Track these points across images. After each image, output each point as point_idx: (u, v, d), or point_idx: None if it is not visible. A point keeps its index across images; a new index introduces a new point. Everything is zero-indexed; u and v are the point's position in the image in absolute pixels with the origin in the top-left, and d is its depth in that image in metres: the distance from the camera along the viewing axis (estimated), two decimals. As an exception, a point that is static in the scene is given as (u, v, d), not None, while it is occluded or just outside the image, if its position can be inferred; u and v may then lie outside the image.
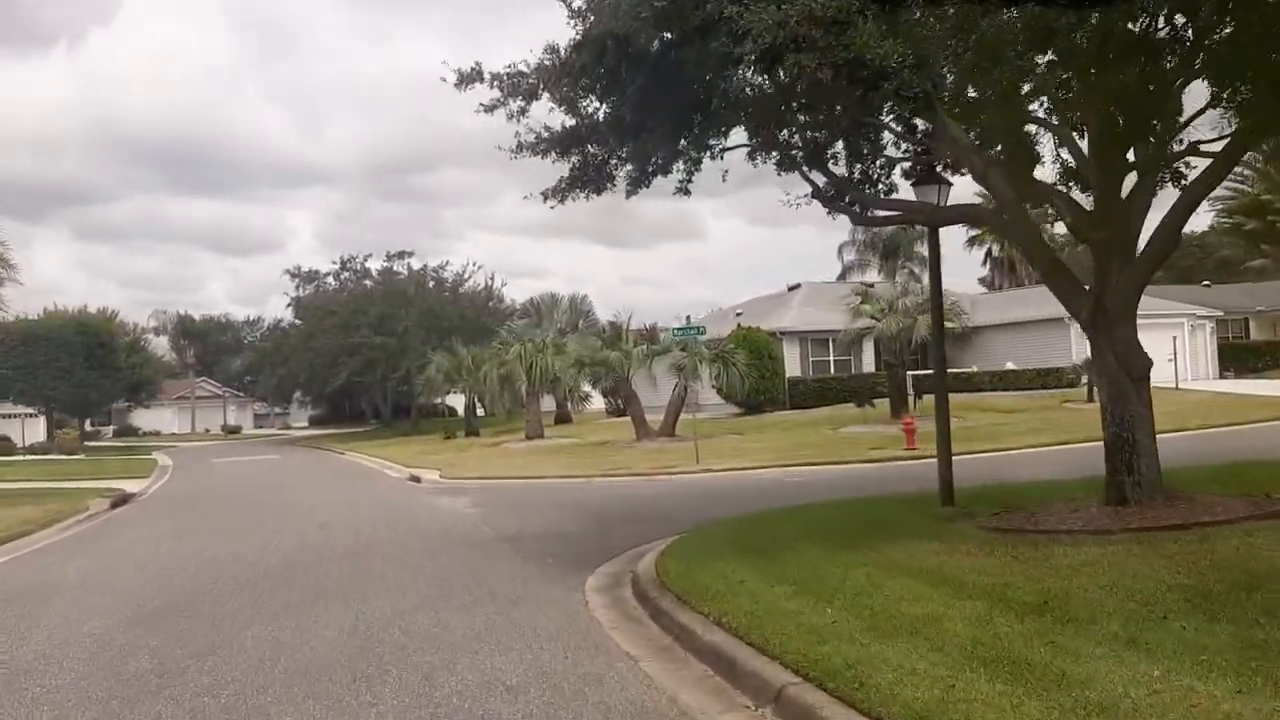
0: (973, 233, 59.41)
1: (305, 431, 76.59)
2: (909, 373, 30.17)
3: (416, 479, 26.76)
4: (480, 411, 48.34)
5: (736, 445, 26.33)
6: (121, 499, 24.72)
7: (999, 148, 10.75)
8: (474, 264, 55.82)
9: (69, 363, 53.21)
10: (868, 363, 38.70)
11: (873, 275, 58.44)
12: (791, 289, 45.79)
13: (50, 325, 54.28)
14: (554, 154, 10.77)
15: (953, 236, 60.86)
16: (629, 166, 10.92)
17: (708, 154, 10.76)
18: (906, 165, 12.07)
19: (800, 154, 11.47)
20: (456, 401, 54.00)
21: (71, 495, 23.58)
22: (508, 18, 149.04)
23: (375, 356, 52.12)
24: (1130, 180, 9.88)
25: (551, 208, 11.77)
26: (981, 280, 66.14)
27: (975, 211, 14.72)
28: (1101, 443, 9.93)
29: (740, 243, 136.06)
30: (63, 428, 70.80)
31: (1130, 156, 9.95)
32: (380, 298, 54.09)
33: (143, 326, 64.84)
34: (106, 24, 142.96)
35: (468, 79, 10.32)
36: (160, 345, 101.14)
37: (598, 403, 50.58)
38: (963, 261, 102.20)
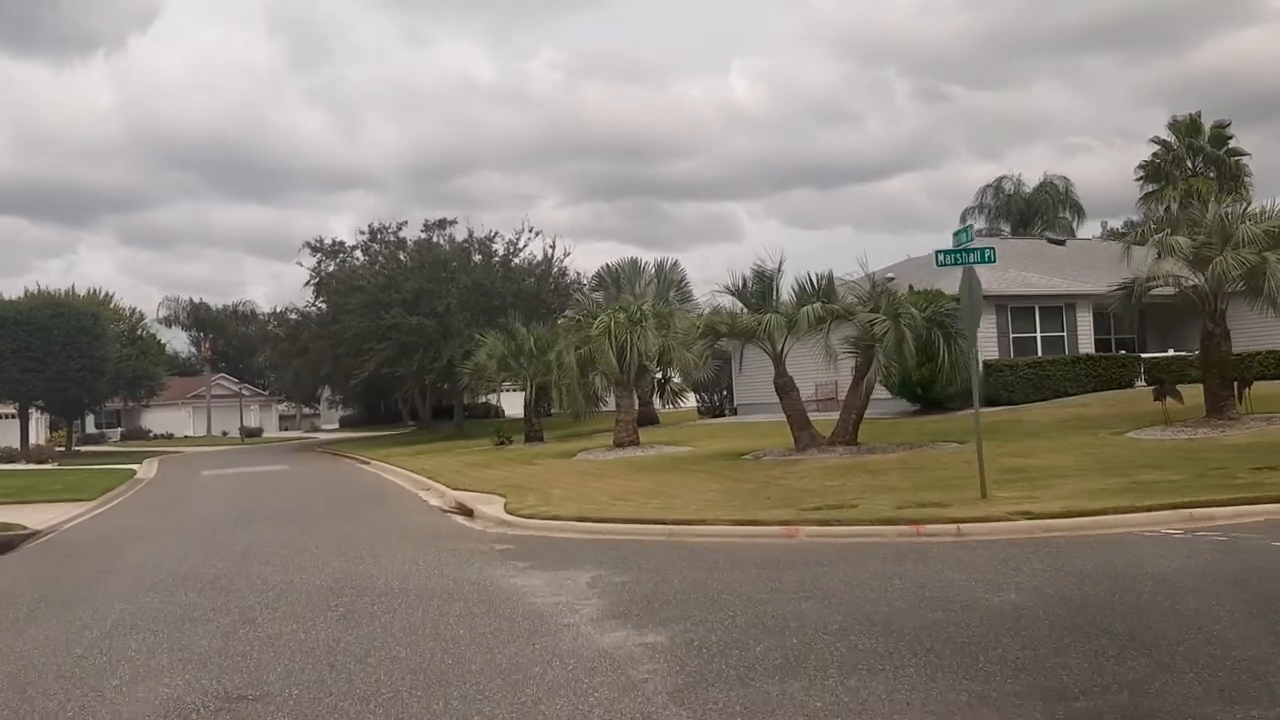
0: (1150, 187, 48.56)
1: (333, 434, 67.03)
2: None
3: (466, 510, 16.85)
4: (548, 409, 38.25)
5: (1006, 464, 15.93)
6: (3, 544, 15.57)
7: None
8: (530, 229, 45.66)
9: (42, 352, 43.84)
10: (1084, 340, 28.20)
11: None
12: (957, 248, 35.47)
13: (18, 307, 44.96)
14: None
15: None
16: None
17: None
18: None
19: None
20: (511, 402, 44.06)
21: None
22: (545, 20, 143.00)
23: (410, 342, 42.15)
24: None
25: None
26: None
27: None
28: None
29: (778, 243, 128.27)
30: (58, 430, 62.09)
31: None
32: (416, 271, 44.16)
33: (140, 313, 55.19)
34: (144, 31, 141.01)
35: None
36: (179, 339, 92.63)
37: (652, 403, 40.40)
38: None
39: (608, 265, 39.67)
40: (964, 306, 12.52)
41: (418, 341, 42.06)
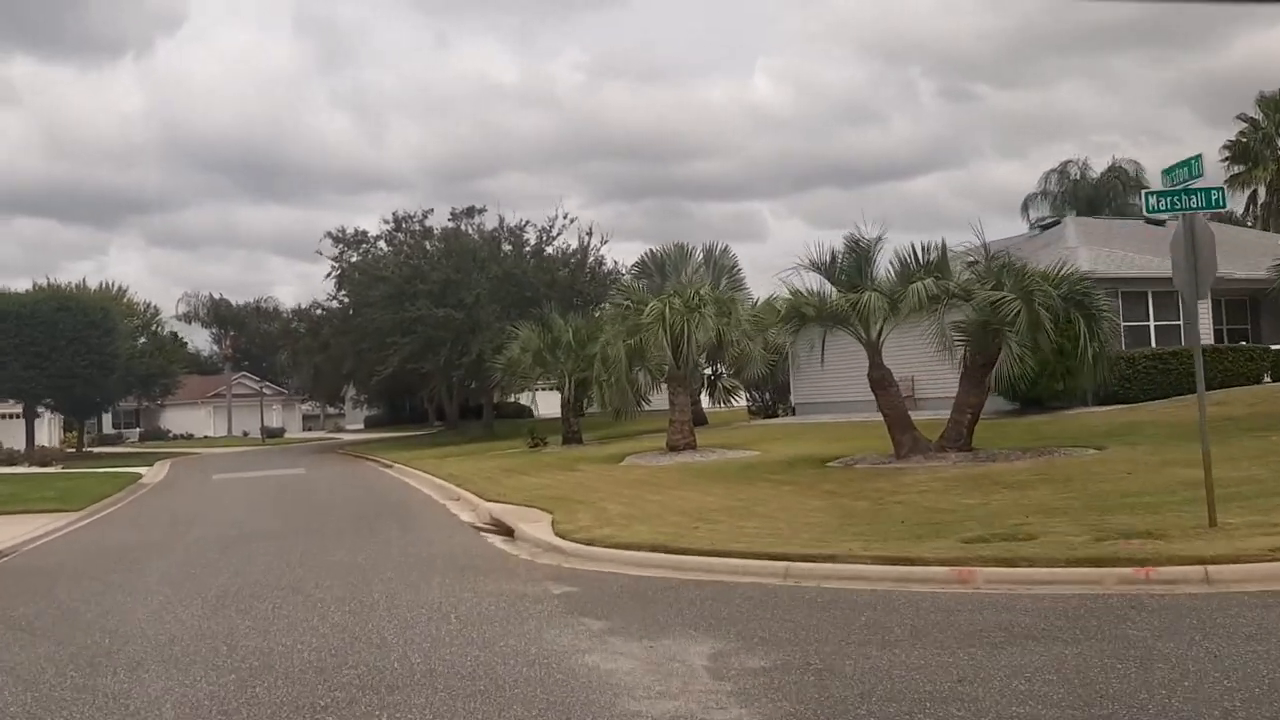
0: (1236, 169, 44.78)
1: (358, 435, 64.27)
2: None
3: (505, 529, 13.86)
4: (583, 409, 35.09)
5: (1182, 476, 12.61)
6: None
7: None
8: (564, 216, 42.09)
9: (45, 347, 41.14)
10: (1201, 330, 24.73)
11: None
12: (1046, 227, 31.96)
13: (22, 301, 42.30)
14: None
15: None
16: None
17: None
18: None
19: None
20: (545, 402, 40.95)
21: None
22: (567, 22, 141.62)
23: (437, 336, 39.09)
24: None
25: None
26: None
27: None
28: None
29: (802, 242, 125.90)
30: (72, 430, 59.77)
31: None
32: (443, 260, 41.08)
33: (154, 308, 52.26)
34: (172, 34, 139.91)
35: None
36: (200, 337, 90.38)
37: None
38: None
39: (651, 251, 36.33)
40: (1183, 268, 9.23)
41: (444, 335, 39.00)
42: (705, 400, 36.68)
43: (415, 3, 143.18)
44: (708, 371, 34.48)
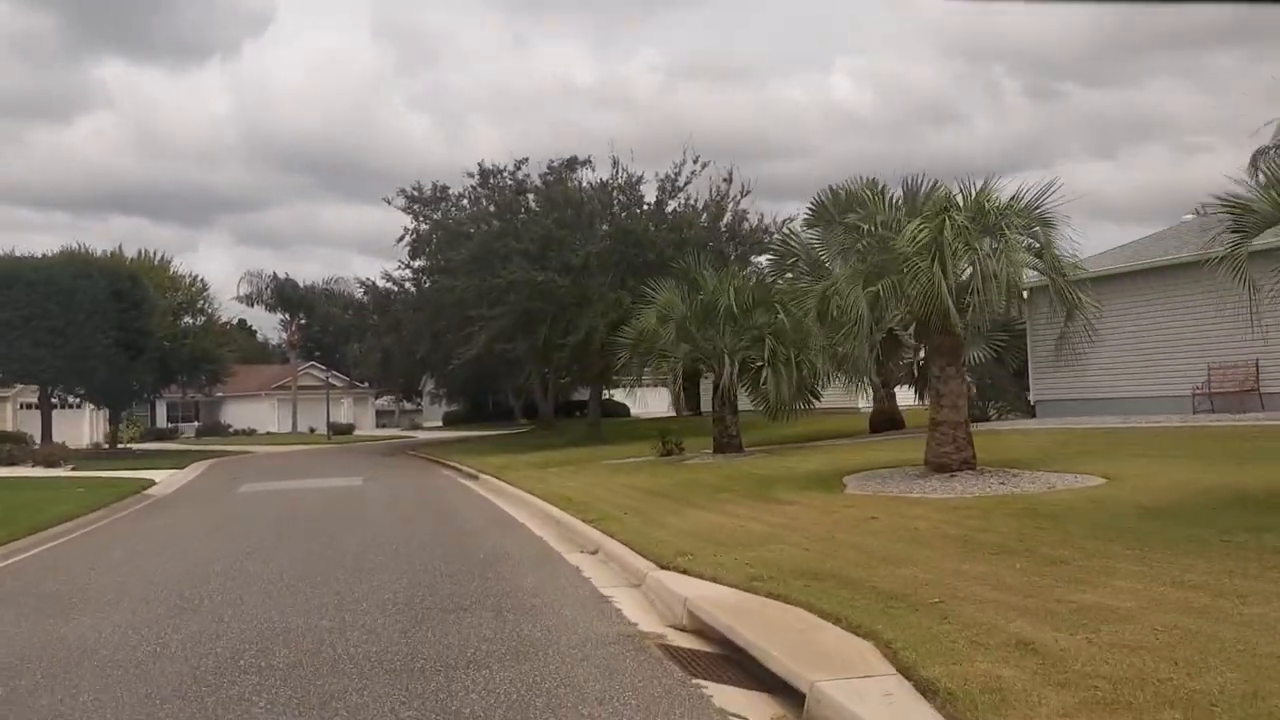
0: None
1: (435, 434, 56.37)
2: None
3: (768, 684, 4.86)
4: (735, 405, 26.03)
5: None
6: None
7: None
8: (694, 161, 32.65)
9: (60, 321, 33.66)
10: None
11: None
12: None
13: (34, 266, 34.90)
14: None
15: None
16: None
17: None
18: None
19: None
20: (650, 400, 32.22)
21: None
22: (645, 21, 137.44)
23: (534, 309, 30.55)
24: None
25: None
26: None
27: None
28: None
29: None
30: (119, 423, 53.06)
31: None
32: (543, 214, 32.57)
33: (202, 281, 44.59)
34: (259, 36, 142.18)
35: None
36: (270, 324, 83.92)
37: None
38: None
39: (831, 189, 26.54)
40: None
41: (544, 308, 30.43)
42: (902, 395, 27.36)
43: (492, 4, 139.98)
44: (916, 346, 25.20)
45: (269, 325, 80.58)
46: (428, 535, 13.19)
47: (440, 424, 67.38)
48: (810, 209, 25.75)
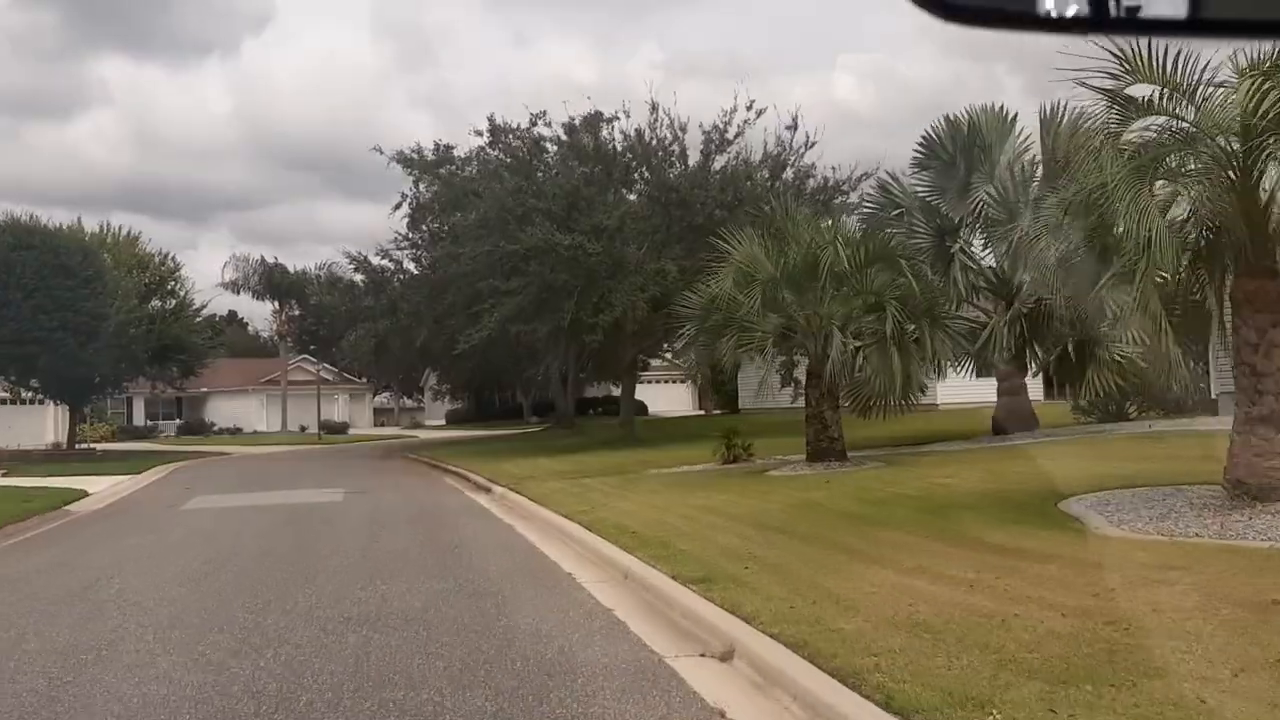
0: None
1: (438, 434, 50.81)
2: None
3: None
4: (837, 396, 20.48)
5: None
6: None
7: None
8: (748, 108, 27.14)
9: (-6, 299, 28.20)
10: None
11: None
12: None
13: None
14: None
15: None
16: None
17: None
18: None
19: None
20: (660, 396, 26.71)
21: None
22: (648, 19, 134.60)
23: (559, 281, 24.98)
24: None
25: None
26: None
27: None
28: None
29: None
30: (88, 420, 47.80)
31: None
32: (566, 167, 27.05)
33: (175, 261, 38.83)
34: (258, 35, 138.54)
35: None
36: (259, 311, 78.52)
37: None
38: None
39: (946, 119, 20.37)
40: None
41: (571, 281, 24.83)
42: (1032, 386, 21.83)
43: (492, 4, 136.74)
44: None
45: (261, 317, 75.16)
46: (421, 602, 7.75)
47: (443, 422, 61.89)
48: (920, 148, 20.32)
